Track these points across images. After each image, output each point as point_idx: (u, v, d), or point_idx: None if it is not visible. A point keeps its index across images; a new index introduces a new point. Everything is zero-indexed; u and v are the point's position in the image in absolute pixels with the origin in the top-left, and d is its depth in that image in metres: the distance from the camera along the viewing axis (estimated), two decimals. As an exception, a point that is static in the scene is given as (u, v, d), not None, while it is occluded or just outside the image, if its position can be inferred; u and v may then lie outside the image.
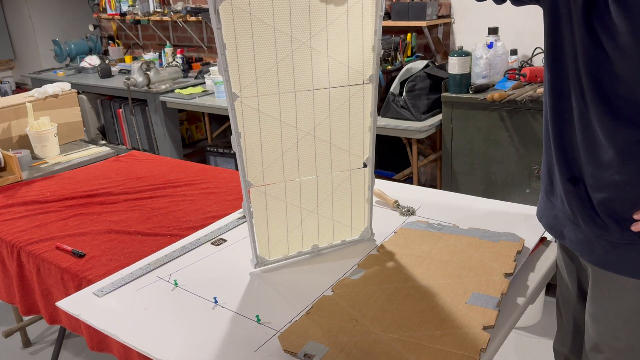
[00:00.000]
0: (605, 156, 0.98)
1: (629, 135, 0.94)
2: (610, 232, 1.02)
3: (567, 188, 1.08)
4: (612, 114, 0.95)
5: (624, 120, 0.94)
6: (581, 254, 1.11)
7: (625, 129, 0.94)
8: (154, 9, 4.26)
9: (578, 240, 1.10)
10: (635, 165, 0.96)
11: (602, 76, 0.95)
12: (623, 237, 1.00)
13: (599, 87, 0.96)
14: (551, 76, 1.06)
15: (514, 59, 2.68)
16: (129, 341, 1.10)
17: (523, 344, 2.28)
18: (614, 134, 0.96)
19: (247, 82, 1.15)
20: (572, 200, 1.08)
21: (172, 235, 1.59)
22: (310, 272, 1.30)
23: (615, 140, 0.96)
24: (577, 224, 1.09)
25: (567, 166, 1.07)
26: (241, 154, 1.20)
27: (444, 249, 1.31)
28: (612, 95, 0.95)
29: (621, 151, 0.96)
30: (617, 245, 1.02)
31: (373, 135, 1.33)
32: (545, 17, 1.05)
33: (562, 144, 1.07)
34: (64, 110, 2.63)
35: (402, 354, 0.97)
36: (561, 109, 1.06)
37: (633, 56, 0.89)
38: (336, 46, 1.21)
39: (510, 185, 2.49)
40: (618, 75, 0.93)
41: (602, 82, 0.95)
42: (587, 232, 1.07)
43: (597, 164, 1.00)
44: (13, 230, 1.70)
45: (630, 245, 1.00)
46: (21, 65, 5.78)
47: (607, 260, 1.04)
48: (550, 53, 1.05)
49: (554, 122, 1.08)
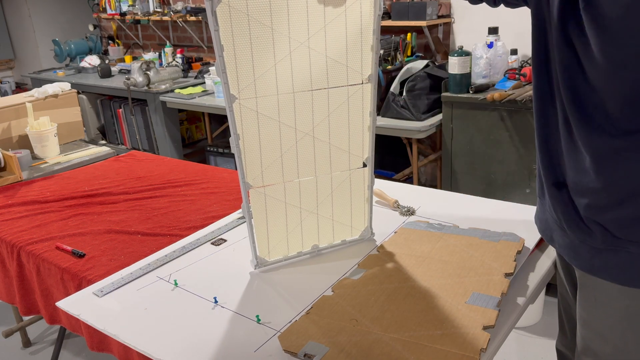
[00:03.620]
0: (584, 163, 0.98)
1: (602, 143, 0.94)
2: (594, 238, 1.02)
3: (551, 193, 1.08)
4: (587, 122, 0.95)
5: (598, 129, 0.94)
6: (568, 259, 1.11)
7: (599, 137, 0.94)
8: (154, 8, 4.26)
9: (565, 245, 1.10)
10: (609, 172, 0.96)
11: (577, 84, 0.95)
12: (605, 242, 1.00)
13: (575, 95, 0.96)
14: (537, 81, 1.06)
15: (514, 58, 2.68)
16: (129, 341, 1.10)
17: (523, 344, 2.28)
18: (589, 141, 0.96)
19: (245, 84, 1.15)
20: (556, 205, 1.08)
21: (172, 235, 1.59)
22: (310, 272, 1.30)
23: (590, 148, 0.96)
24: (563, 228, 1.09)
25: (551, 171, 1.07)
26: (240, 155, 1.20)
27: (444, 249, 1.31)
28: (587, 103, 0.94)
29: (596, 158, 0.96)
30: (601, 250, 1.01)
31: (372, 135, 1.32)
32: (532, 20, 1.04)
33: (547, 149, 1.07)
34: (64, 110, 2.64)
35: (402, 354, 0.97)
36: (546, 114, 1.06)
37: (602, 67, 0.89)
38: (335, 46, 1.20)
39: (510, 185, 2.49)
40: (591, 84, 0.92)
41: (578, 90, 0.95)
42: (572, 237, 1.07)
43: (578, 169, 1.00)
44: (13, 230, 1.70)
45: (614, 250, 1.00)
46: (21, 65, 5.78)
47: (593, 265, 1.04)
48: (536, 57, 1.05)
49: (539, 127, 1.08)
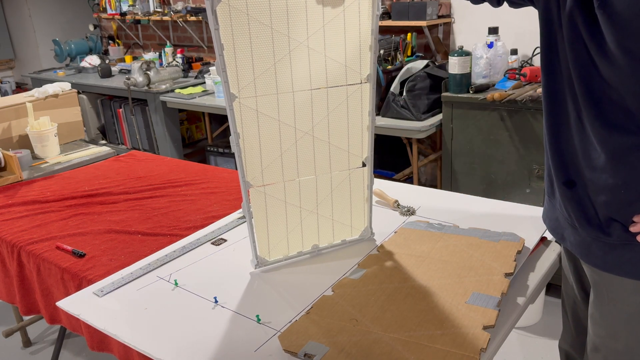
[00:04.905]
0: (599, 160, 0.98)
1: (620, 140, 0.94)
2: (608, 234, 1.02)
3: (562, 191, 1.08)
4: (604, 119, 0.95)
5: (615, 126, 0.94)
6: (580, 257, 1.11)
7: (616, 134, 0.94)
8: (154, 8, 4.26)
9: (577, 243, 1.10)
10: (627, 169, 0.96)
11: (593, 82, 0.95)
12: (620, 238, 1.01)
13: (590, 92, 0.96)
14: (547, 80, 1.06)
15: (514, 58, 2.68)
16: (129, 341, 1.10)
17: (523, 344, 2.28)
18: (605, 138, 0.96)
19: (245, 83, 1.15)
20: (567, 203, 1.08)
21: (172, 235, 1.59)
22: (310, 272, 1.30)
23: (607, 145, 0.96)
24: (574, 226, 1.09)
25: (562, 169, 1.07)
26: (240, 154, 1.20)
27: (444, 249, 1.31)
28: (604, 100, 0.94)
29: (613, 156, 0.96)
30: (615, 246, 1.02)
31: (371, 135, 1.33)
32: (539, 19, 1.04)
33: (558, 148, 1.07)
34: (64, 110, 2.64)
35: (402, 354, 0.97)
36: (556, 113, 1.06)
37: (619, 65, 0.89)
38: (333, 46, 1.21)
39: (510, 185, 2.49)
40: (608, 81, 0.92)
41: (593, 87, 0.95)
42: (584, 235, 1.07)
43: (593, 167, 1.00)
44: (13, 230, 1.70)
45: (627, 246, 1.00)
46: (21, 65, 5.79)
47: (606, 262, 1.04)
48: (545, 57, 1.05)
49: (549, 126, 1.08)
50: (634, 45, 0.86)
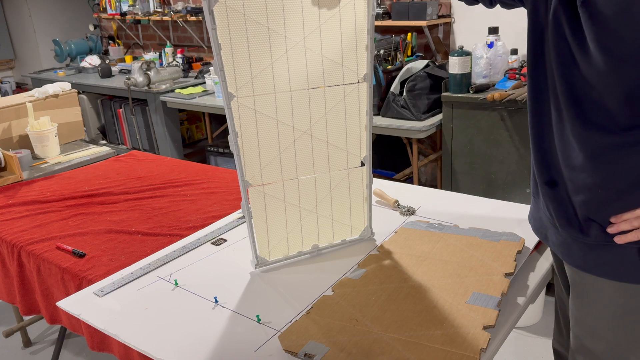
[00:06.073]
0: (577, 160, 0.98)
1: (599, 139, 0.94)
2: (587, 234, 1.02)
3: (545, 191, 1.09)
4: (584, 119, 0.95)
5: (595, 125, 0.94)
6: (562, 256, 1.11)
7: (596, 133, 0.94)
8: (154, 8, 4.27)
9: (559, 243, 1.10)
10: (605, 169, 0.96)
11: (574, 81, 0.95)
12: (598, 238, 1.00)
13: (571, 91, 0.96)
14: (531, 80, 1.06)
15: (514, 58, 2.68)
16: (129, 341, 1.10)
17: (523, 344, 2.28)
18: (585, 138, 0.96)
19: (243, 82, 1.16)
20: (549, 203, 1.08)
21: (172, 235, 1.59)
22: (310, 271, 1.30)
23: (585, 145, 0.96)
24: (556, 226, 1.09)
25: (544, 169, 1.07)
26: (239, 153, 1.20)
27: (444, 249, 1.31)
28: (584, 100, 0.94)
29: (592, 155, 0.96)
30: (594, 247, 1.02)
31: (369, 134, 1.33)
32: (528, 19, 1.05)
33: (541, 148, 1.07)
34: (64, 110, 2.64)
35: (403, 354, 0.97)
36: (539, 113, 1.06)
37: (599, 64, 0.89)
38: (330, 46, 1.21)
39: (510, 185, 2.49)
40: (589, 81, 0.93)
41: (575, 86, 0.95)
42: (565, 235, 1.07)
43: (572, 167, 1.00)
44: (13, 230, 1.70)
45: (606, 247, 1.00)
46: (21, 65, 5.79)
47: (586, 262, 1.04)
48: (531, 56, 1.05)
49: (532, 126, 1.08)
50: (614, 45, 0.86)
